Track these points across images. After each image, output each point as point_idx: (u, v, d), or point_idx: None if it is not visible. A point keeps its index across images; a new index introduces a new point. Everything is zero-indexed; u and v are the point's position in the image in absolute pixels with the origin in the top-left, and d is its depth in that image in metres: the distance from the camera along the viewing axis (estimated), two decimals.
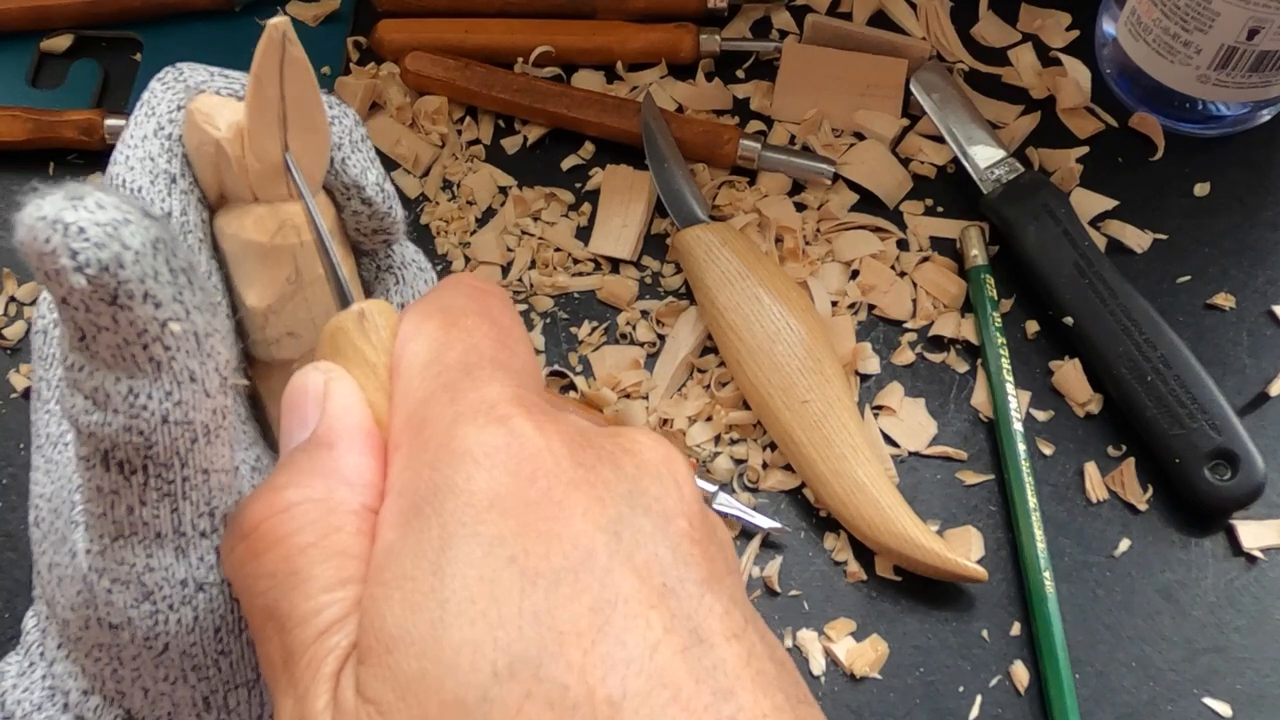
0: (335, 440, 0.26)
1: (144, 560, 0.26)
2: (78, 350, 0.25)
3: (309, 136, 0.29)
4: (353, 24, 0.61)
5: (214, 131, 0.29)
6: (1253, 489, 0.48)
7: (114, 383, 0.25)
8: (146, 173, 0.29)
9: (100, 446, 0.25)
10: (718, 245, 0.51)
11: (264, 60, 0.28)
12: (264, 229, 0.30)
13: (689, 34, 0.58)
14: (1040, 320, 0.53)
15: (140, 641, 0.27)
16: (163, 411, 0.25)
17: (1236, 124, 0.57)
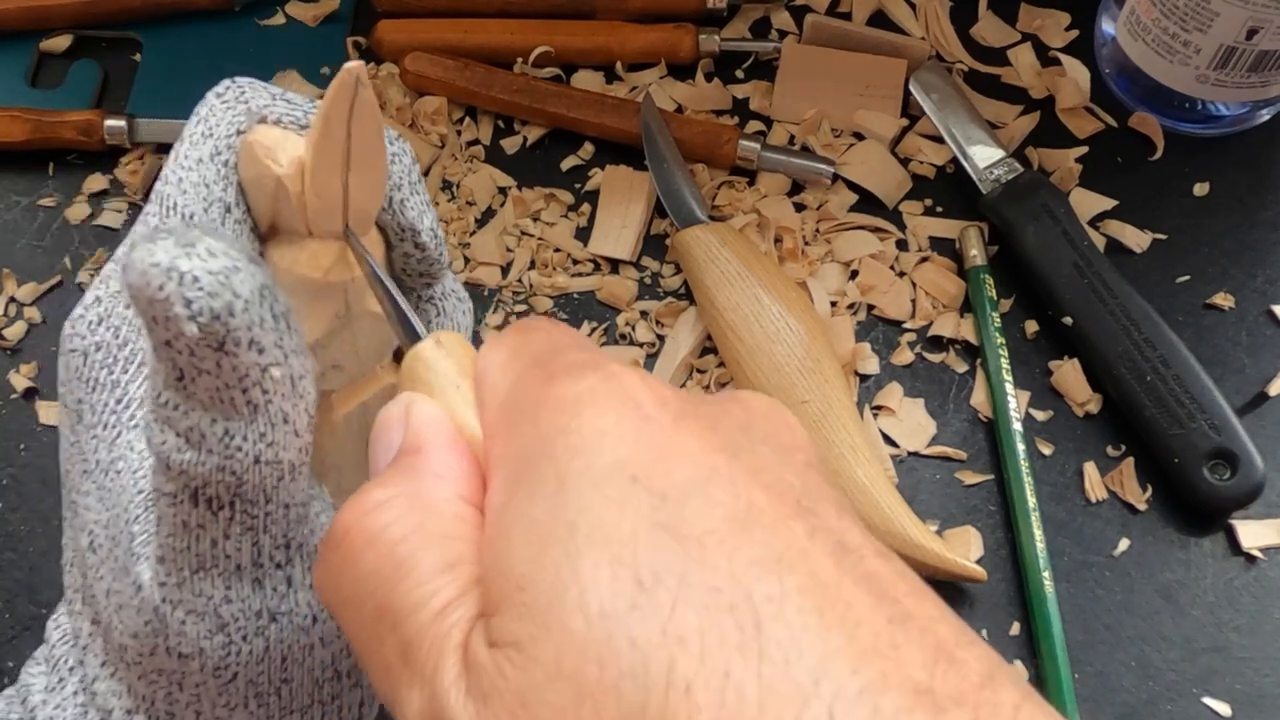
0: (421, 445, 0.26)
1: (222, 592, 0.27)
2: (173, 390, 0.25)
3: (369, 175, 0.29)
4: (352, 24, 0.61)
5: (275, 167, 0.29)
6: (1252, 489, 0.48)
7: (210, 424, 0.25)
8: (200, 199, 0.29)
9: (190, 484, 0.25)
10: (717, 245, 0.51)
11: (335, 101, 0.28)
12: (318, 265, 0.30)
13: (688, 34, 0.58)
14: (1039, 320, 0.53)
15: (209, 670, 0.27)
16: (255, 452, 0.25)
17: (1236, 124, 0.57)
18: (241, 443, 0.25)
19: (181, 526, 0.26)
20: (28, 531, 0.49)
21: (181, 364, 0.24)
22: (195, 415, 0.25)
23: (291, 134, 0.30)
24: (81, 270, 0.54)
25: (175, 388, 0.25)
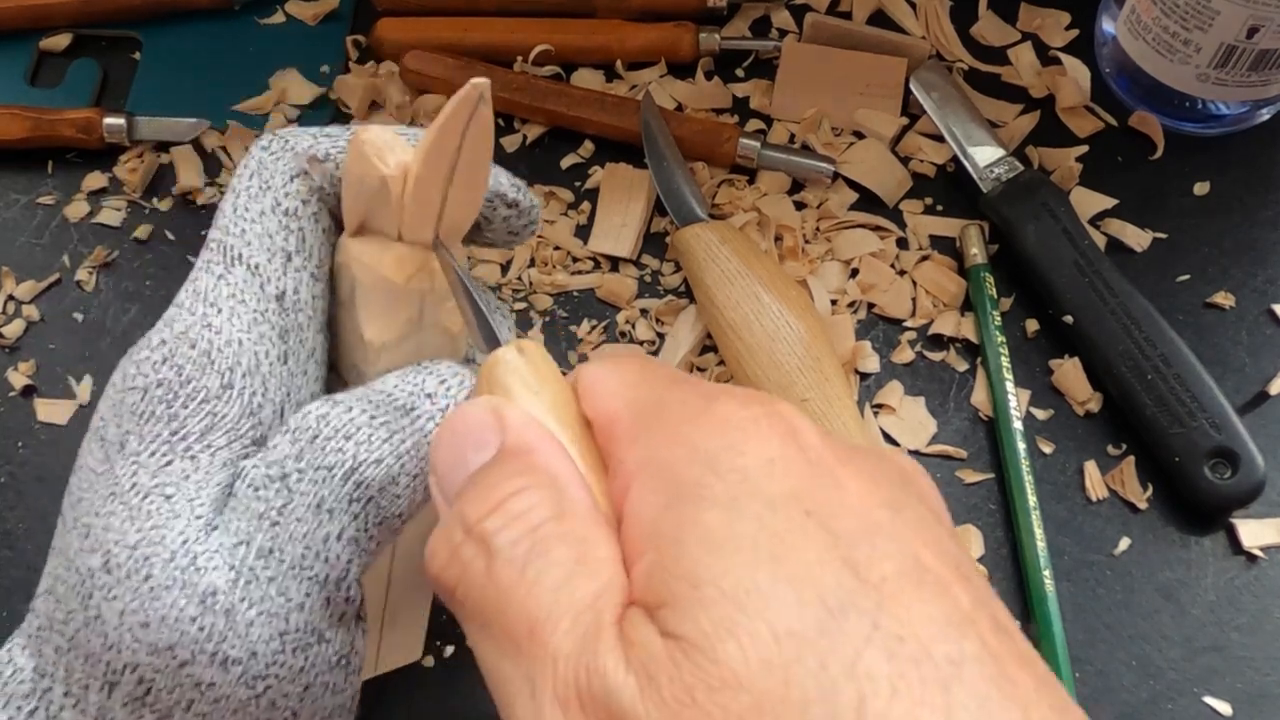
0: (530, 446, 0.26)
1: (299, 599, 0.28)
2: None
3: (469, 192, 0.30)
4: (352, 23, 0.61)
5: (383, 168, 0.30)
6: (1252, 488, 0.48)
7: None
8: (265, 249, 0.31)
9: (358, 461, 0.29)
10: (717, 244, 0.51)
11: (455, 114, 0.28)
12: (402, 270, 0.31)
13: (688, 33, 0.58)
14: (1040, 319, 0.53)
15: (247, 679, 0.28)
16: None
17: (1236, 123, 0.56)
18: None
19: (310, 509, 0.28)
20: (25, 530, 0.49)
21: None
22: None
23: (400, 140, 0.30)
24: (80, 268, 0.54)
25: None
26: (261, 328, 0.30)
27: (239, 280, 0.30)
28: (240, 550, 0.28)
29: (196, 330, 0.30)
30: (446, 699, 0.45)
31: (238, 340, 0.30)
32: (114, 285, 0.54)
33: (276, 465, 0.28)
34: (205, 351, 0.29)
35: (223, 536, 0.28)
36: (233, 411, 0.29)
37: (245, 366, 0.30)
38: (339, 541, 0.28)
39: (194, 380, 0.29)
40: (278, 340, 0.30)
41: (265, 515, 0.28)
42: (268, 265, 0.31)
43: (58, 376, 0.52)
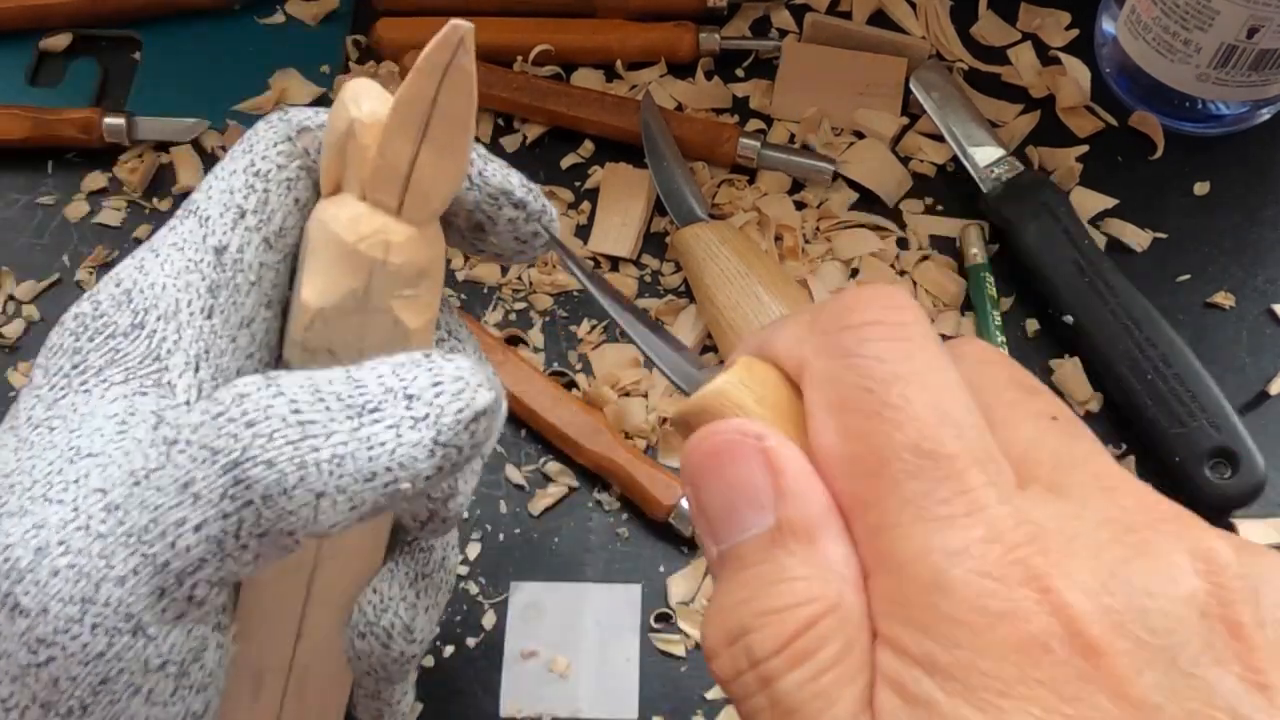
0: (814, 530, 0.24)
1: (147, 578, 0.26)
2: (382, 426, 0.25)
3: (444, 159, 0.27)
4: (352, 22, 0.61)
5: (353, 109, 0.27)
6: (1253, 487, 0.48)
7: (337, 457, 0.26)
8: (220, 204, 0.29)
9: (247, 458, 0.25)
10: (717, 244, 0.51)
11: (429, 57, 0.26)
12: (354, 229, 0.27)
13: (688, 33, 0.58)
14: (1040, 319, 0.53)
15: (25, 642, 0.24)
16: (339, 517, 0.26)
17: (1236, 123, 0.56)
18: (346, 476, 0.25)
19: (176, 486, 0.25)
20: None
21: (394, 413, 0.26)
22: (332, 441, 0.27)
23: (383, 91, 0.28)
24: (80, 268, 0.54)
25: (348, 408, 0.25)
26: (190, 276, 0.28)
27: (186, 230, 0.29)
28: (94, 497, 0.25)
29: (126, 270, 0.29)
30: (447, 699, 0.45)
31: (161, 284, 0.28)
32: None
33: (173, 428, 0.25)
34: (127, 290, 0.28)
35: (93, 475, 0.25)
36: (137, 350, 0.27)
37: (162, 310, 0.28)
38: (195, 532, 0.25)
39: (106, 315, 0.28)
40: (205, 292, 0.28)
41: (134, 472, 0.25)
42: (217, 219, 0.29)
43: None
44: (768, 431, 0.25)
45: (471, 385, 0.26)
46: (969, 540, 0.22)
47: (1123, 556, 0.22)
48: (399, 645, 0.33)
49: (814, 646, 0.23)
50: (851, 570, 0.24)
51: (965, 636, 0.22)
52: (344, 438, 0.25)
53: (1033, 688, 0.21)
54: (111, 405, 0.26)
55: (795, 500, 0.24)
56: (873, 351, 0.24)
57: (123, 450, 0.25)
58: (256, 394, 0.25)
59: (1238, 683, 0.22)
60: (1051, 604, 0.22)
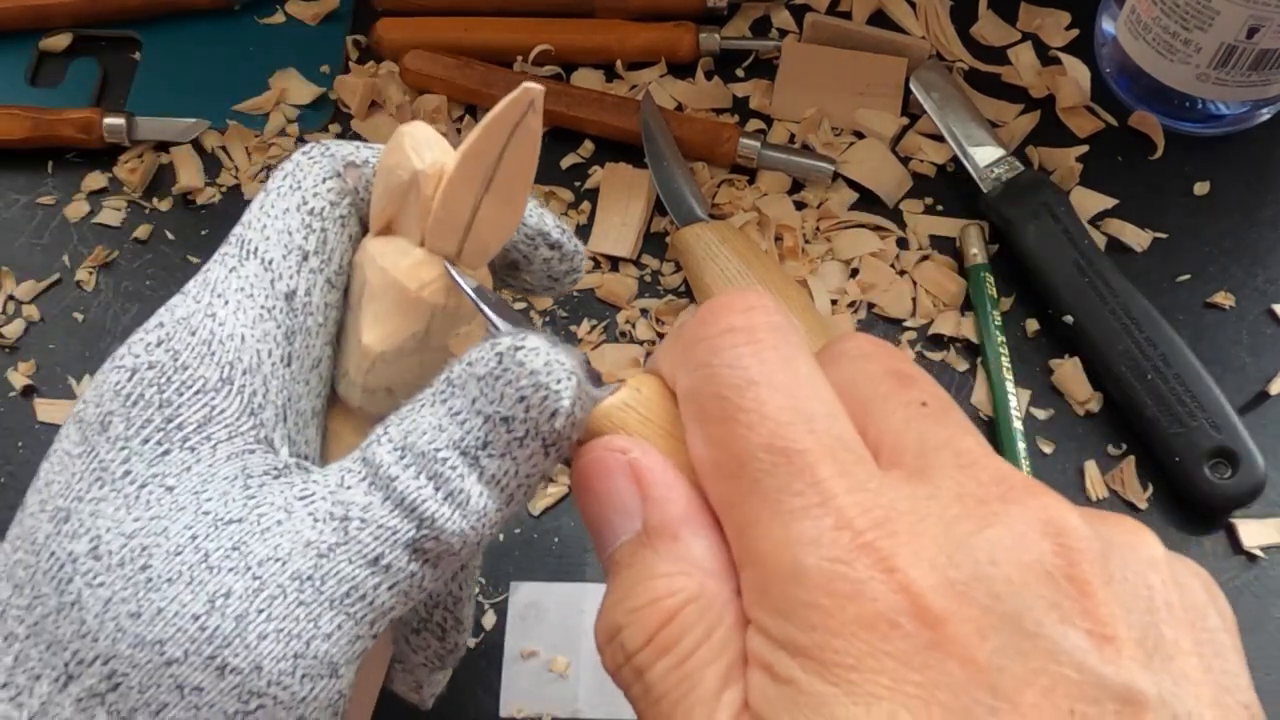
0: (676, 529, 0.26)
1: (331, 629, 0.27)
2: (461, 453, 0.27)
3: (503, 209, 0.28)
4: (352, 23, 0.61)
5: (415, 160, 0.28)
6: (1253, 487, 0.48)
7: (479, 495, 0.27)
8: (281, 246, 0.29)
9: (420, 533, 0.27)
10: (717, 244, 0.51)
11: (501, 116, 0.27)
12: (416, 277, 0.29)
13: (688, 33, 0.58)
14: (1040, 319, 0.53)
15: (237, 694, 0.26)
16: (486, 534, 0.28)
17: (1236, 123, 0.56)
18: (489, 523, 0.27)
19: (365, 560, 0.27)
20: None
21: (500, 440, 0.27)
22: (470, 483, 0.27)
23: (444, 142, 0.29)
24: (80, 268, 0.54)
25: (467, 454, 0.27)
26: (266, 324, 0.29)
27: (250, 274, 0.29)
28: (271, 566, 0.26)
29: (199, 318, 0.28)
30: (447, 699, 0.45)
31: (240, 335, 0.28)
32: (114, 285, 0.54)
33: (341, 505, 0.27)
34: (205, 341, 0.28)
35: (253, 544, 0.27)
36: (232, 407, 0.28)
37: (246, 364, 0.28)
38: (389, 591, 0.27)
39: (190, 368, 0.28)
40: (283, 340, 0.29)
41: (313, 545, 0.27)
42: (281, 262, 0.29)
43: (58, 376, 0.52)
44: (633, 445, 0.27)
45: (550, 385, 0.27)
46: (820, 529, 0.24)
47: (971, 529, 0.24)
48: (453, 637, 0.34)
49: (676, 635, 0.25)
50: (714, 562, 0.26)
51: (819, 619, 0.24)
52: (480, 488, 0.27)
53: (882, 660, 0.23)
54: (227, 466, 0.27)
55: (657, 505, 0.27)
56: (725, 360, 0.26)
57: (272, 519, 0.27)
58: (403, 478, 0.27)
59: (1084, 637, 0.23)
60: (896, 582, 0.23)
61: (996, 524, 0.24)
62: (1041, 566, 0.23)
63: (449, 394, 0.28)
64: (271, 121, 0.57)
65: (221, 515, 0.27)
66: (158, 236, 0.55)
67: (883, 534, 0.24)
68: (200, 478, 0.27)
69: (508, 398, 0.27)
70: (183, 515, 0.26)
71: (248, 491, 0.27)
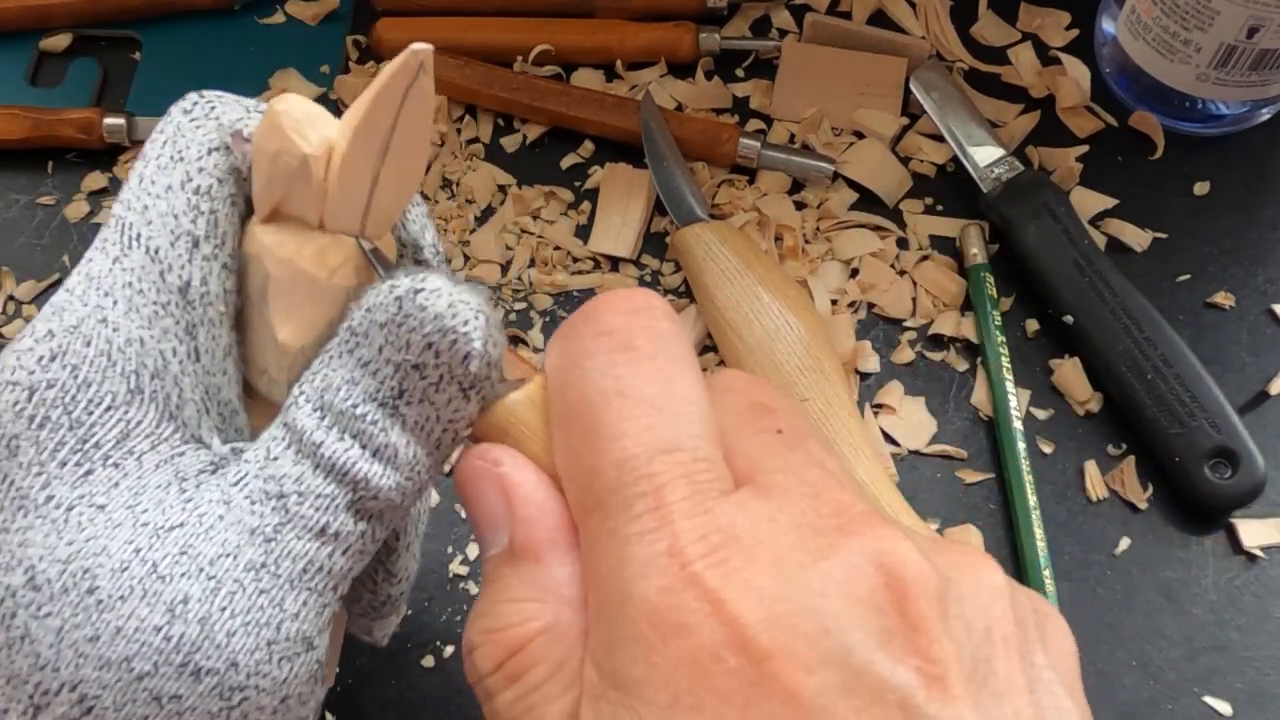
0: (540, 553, 0.26)
1: (297, 608, 0.27)
2: (378, 406, 0.26)
3: (402, 176, 0.27)
4: (352, 23, 0.61)
5: (303, 144, 0.26)
6: (1253, 487, 0.48)
7: (405, 446, 0.26)
8: (168, 231, 0.27)
9: (356, 494, 0.26)
10: (717, 244, 0.51)
11: (391, 83, 0.25)
12: (324, 263, 0.27)
13: (688, 33, 0.58)
14: (1040, 319, 0.53)
15: (217, 693, 0.26)
16: (421, 483, 0.27)
17: (1236, 123, 0.56)
18: (422, 470, 0.27)
19: (312, 534, 0.26)
20: None
21: (415, 388, 0.26)
22: (394, 435, 0.26)
23: (325, 114, 0.27)
24: None
25: (385, 405, 0.26)
26: (164, 322, 0.27)
27: (136, 266, 0.27)
28: (224, 562, 0.26)
29: (90, 325, 0.26)
30: (447, 699, 0.45)
31: (139, 339, 0.26)
32: None
33: (274, 481, 0.26)
34: (103, 352, 0.26)
35: (199, 544, 0.26)
36: (148, 417, 0.26)
37: (152, 368, 0.26)
38: (344, 555, 0.27)
39: (94, 384, 0.26)
40: (185, 336, 0.27)
41: (259, 531, 0.26)
42: (170, 251, 0.27)
43: None
44: (506, 458, 0.26)
45: (457, 329, 0.26)
46: (654, 555, 0.23)
47: (806, 560, 0.23)
48: (385, 589, 0.33)
49: (524, 667, 0.25)
50: (573, 590, 0.26)
51: (643, 652, 0.23)
52: (405, 438, 0.26)
53: (702, 697, 0.22)
54: (157, 474, 0.26)
55: (522, 524, 0.26)
56: (597, 364, 0.25)
57: (213, 515, 0.26)
58: (328, 442, 0.26)
59: (912, 674, 0.22)
60: (722, 616, 0.22)
61: (831, 556, 0.23)
62: (873, 600, 0.23)
63: (354, 344, 0.26)
64: None
65: (161, 524, 0.26)
66: None
67: (713, 563, 0.23)
68: (131, 491, 0.26)
69: (414, 345, 0.26)
70: (120, 531, 0.25)
71: (184, 495, 0.26)
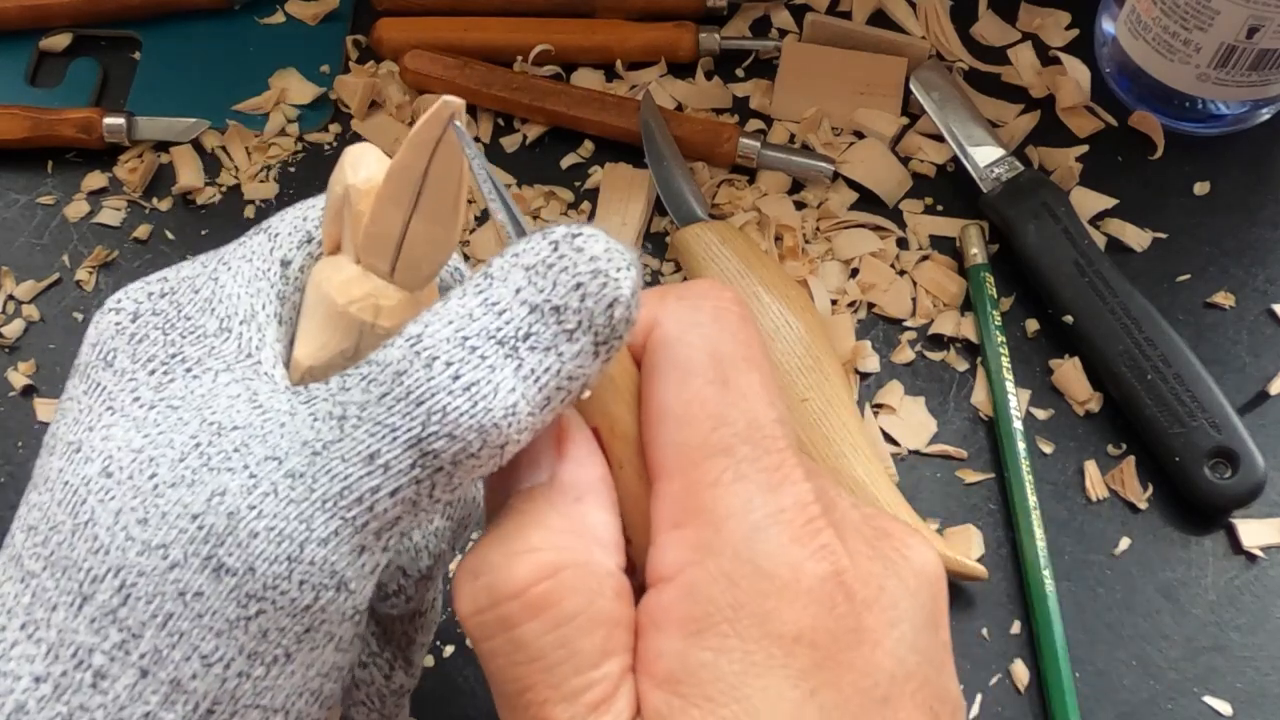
0: (582, 493, 0.26)
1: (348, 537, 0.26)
2: (501, 346, 0.25)
3: (434, 228, 0.28)
4: (352, 22, 0.61)
5: (350, 174, 0.28)
6: (1253, 487, 0.48)
7: (508, 392, 0.25)
8: (290, 224, 0.30)
9: (428, 430, 0.25)
10: (717, 244, 0.51)
11: (422, 130, 0.26)
12: (345, 292, 0.28)
13: (688, 33, 0.58)
14: (1040, 319, 0.53)
15: (235, 598, 0.25)
16: (508, 438, 0.25)
17: (1236, 123, 0.56)
18: (518, 425, 0.25)
19: (359, 458, 0.25)
20: None
21: (547, 332, 0.25)
22: (501, 374, 0.25)
23: (383, 158, 0.29)
24: (80, 268, 0.54)
25: (504, 344, 0.25)
26: (260, 284, 0.29)
27: (255, 244, 0.30)
28: (268, 465, 0.25)
29: (202, 280, 0.29)
30: (447, 699, 0.45)
31: (236, 294, 0.29)
32: (114, 285, 0.54)
33: (340, 404, 0.26)
34: (208, 299, 0.28)
35: (253, 445, 0.26)
36: (229, 348, 0.28)
37: (242, 315, 0.28)
38: (390, 497, 0.25)
39: (193, 319, 0.28)
40: (275, 300, 0.29)
41: (310, 443, 0.26)
42: (286, 236, 0.30)
43: (58, 376, 0.52)
44: (569, 421, 0.27)
45: (610, 273, 0.25)
46: (783, 504, 0.25)
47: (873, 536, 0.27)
48: (399, 678, 0.33)
49: (556, 596, 0.25)
50: (609, 536, 0.26)
51: (774, 587, 0.25)
52: (511, 383, 0.25)
53: (820, 635, 0.25)
54: (230, 387, 0.27)
55: (572, 463, 0.26)
56: (728, 327, 0.27)
57: (275, 422, 0.26)
58: (413, 369, 0.25)
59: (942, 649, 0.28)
60: (837, 566, 0.25)
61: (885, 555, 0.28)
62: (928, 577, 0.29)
63: (486, 285, 0.26)
64: (271, 121, 0.57)
65: (225, 423, 0.26)
66: (157, 236, 0.55)
67: (827, 522, 0.26)
68: (204, 397, 0.27)
69: (561, 285, 0.25)
70: (187, 427, 0.26)
71: (254, 402, 0.27)
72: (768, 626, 0.24)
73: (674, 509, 0.26)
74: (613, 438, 0.28)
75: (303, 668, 0.26)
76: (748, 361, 0.27)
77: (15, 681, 0.25)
